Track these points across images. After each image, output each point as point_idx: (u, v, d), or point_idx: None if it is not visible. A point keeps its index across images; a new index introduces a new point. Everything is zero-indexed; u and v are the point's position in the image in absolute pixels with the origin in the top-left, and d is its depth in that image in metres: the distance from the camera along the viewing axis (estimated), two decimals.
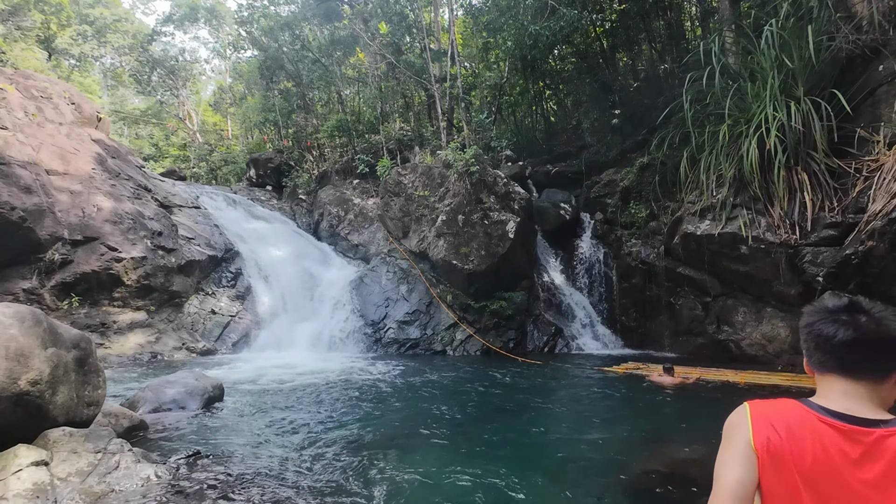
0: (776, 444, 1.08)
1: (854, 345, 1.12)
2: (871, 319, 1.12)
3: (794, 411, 1.13)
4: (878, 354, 1.12)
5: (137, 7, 36.81)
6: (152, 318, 10.65)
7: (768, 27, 8.16)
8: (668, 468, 4.04)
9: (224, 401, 6.36)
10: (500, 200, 11.55)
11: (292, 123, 19.89)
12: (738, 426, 1.15)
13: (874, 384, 1.12)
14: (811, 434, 1.08)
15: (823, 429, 1.08)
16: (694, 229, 9.06)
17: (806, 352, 1.22)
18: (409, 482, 3.82)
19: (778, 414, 1.13)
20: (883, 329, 1.11)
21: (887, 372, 1.12)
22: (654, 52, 15.02)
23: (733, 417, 1.18)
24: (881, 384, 1.12)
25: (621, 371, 7.93)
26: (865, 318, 1.12)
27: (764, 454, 1.08)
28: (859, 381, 1.13)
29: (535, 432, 5.25)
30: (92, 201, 10.67)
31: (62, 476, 3.32)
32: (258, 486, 3.65)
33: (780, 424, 1.10)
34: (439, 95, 14.48)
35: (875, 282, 6.88)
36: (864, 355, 1.12)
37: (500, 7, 14.65)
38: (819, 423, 1.09)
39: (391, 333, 11.13)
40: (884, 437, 1.04)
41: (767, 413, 1.13)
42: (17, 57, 20.36)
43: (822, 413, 1.10)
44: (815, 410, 1.11)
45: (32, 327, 3.63)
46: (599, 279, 12.10)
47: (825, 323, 1.16)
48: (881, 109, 7.38)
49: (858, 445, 1.05)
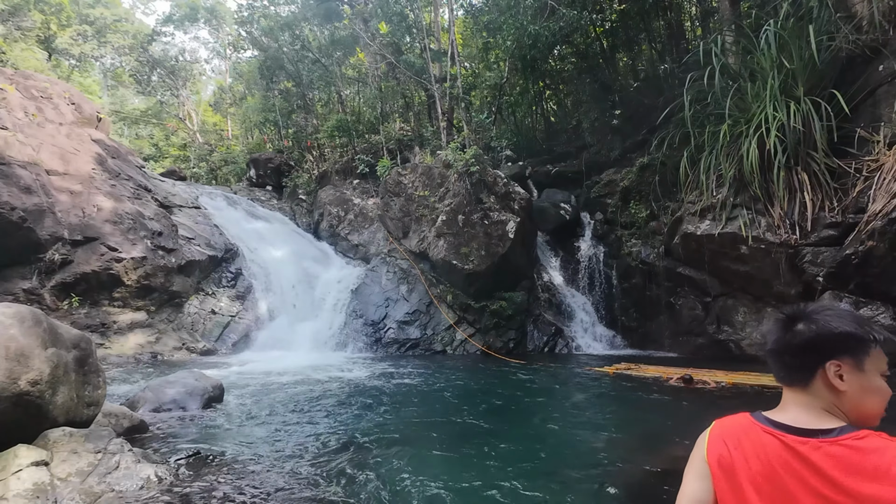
0: (725, 458, 1.13)
1: (774, 354, 1.17)
2: (809, 323, 1.11)
3: (743, 424, 1.17)
4: (789, 363, 1.14)
5: (137, 7, 36.88)
6: (152, 319, 10.65)
7: (768, 27, 8.15)
8: (668, 468, 4.04)
9: (224, 401, 6.36)
10: (500, 200, 11.55)
11: (292, 123, 19.89)
12: (698, 444, 1.22)
13: (803, 389, 1.12)
14: (756, 445, 1.11)
15: (767, 439, 1.10)
16: (694, 229, 9.06)
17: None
18: (408, 482, 3.83)
19: (730, 428, 1.18)
20: (808, 333, 1.10)
21: (809, 375, 1.11)
22: (654, 52, 15.02)
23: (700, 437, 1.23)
24: (808, 387, 1.11)
25: (612, 372, 7.90)
26: (802, 325, 1.12)
27: (716, 468, 1.14)
28: (791, 388, 1.15)
29: (533, 432, 5.26)
30: (92, 201, 10.67)
31: (62, 476, 3.32)
32: (258, 486, 3.65)
33: (731, 438, 1.15)
34: (439, 95, 14.48)
35: (875, 282, 6.89)
36: (780, 364, 1.16)
37: (499, 7, 14.65)
38: (763, 433, 1.12)
39: (391, 333, 11.13)
40: (817, 446, 1.04)
41: (723, 428, 1.19)
42: (17, 57, 20.36)
43: (766, 424, 1.13)
44: (760, 422, 1.14)
45: (32, 327, 3.63)
46: (599, 279, 12.10)
47: (767, 334, 1.22)
48: (881, 109, 7.38)
49: (795, 455, 1.05)
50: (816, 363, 1.10)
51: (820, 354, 1.09)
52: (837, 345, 1.08)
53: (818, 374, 1.10)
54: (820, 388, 1.10)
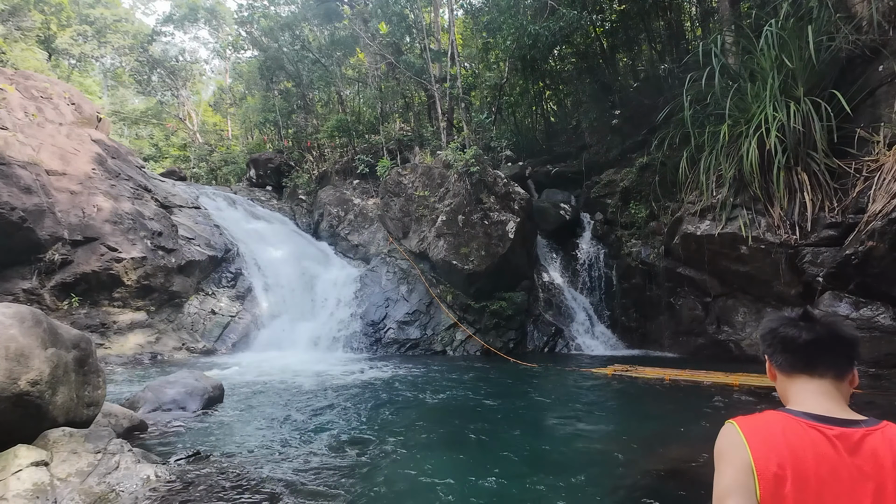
0: (777, 460, 1.08)
1: (816, 344, 1.22)
2: (823, 325, 1.24)
3: (783, 422, 1.14)
4: (836, 353, 1.22)
5: (137, 7, 36.82)
6: (152, 319, 10.65)
7: (768, 27, 8.15)
8: (667, 468, 4.04)
9: (224, 401, 6.36)
10: (500, 201, 11.55)
11: (292, 124, 19.88)
12: (732, 448, 1.13)
13: (836, 381, 1.22)
14: (805, 442, 1.10)
15: (814, 434, 1.11)
16: (694, 229, 9.06)
17: (770, 356, 1.30)
18: (409, 482, 3.83)
19: (770, 428, 1.13)
20: (836, 331, 1.23)
21: (847, 369, 1.23)
22: (654, 53, 15.02)
23: (725, 439, 1.16)
24: (842, 381, 1.22)
25: (610, 373, 7.88)
26: (818, 325, 1.24)
27: (765, 473, 1.07)
28: (824, 378, 1.22)
29: (533, 433, 5.26)
30: (92, 201, 10.67)
31: (62, 476, 3.32)
32: (258, 486, 3.65)
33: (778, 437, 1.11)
34: (439, 96, 14.47)
35: (875, 282, 6.88)
36: (825, 353, 1.22)
37: (499, 7, 14.63)
38: (809, 429, 1.12)
39: (391, 334, 11.13)
40: (865, 435, 1.11)
41: (759, 429, 1.13)
42: (17, 57, 20.35)
43: (808, 419, 1.14)
44: (801, 417, 1.14)
45: (32, 327, 3.63)
46: (599, 279, 12.09)
47: (788, 327, 1.26)
48: (881, 109, 7.38)
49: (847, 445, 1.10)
50: (855, 358, 1.24)
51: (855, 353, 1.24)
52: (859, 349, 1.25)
53: (852, 369, 1.23)
54: (848, 382, 1.23)
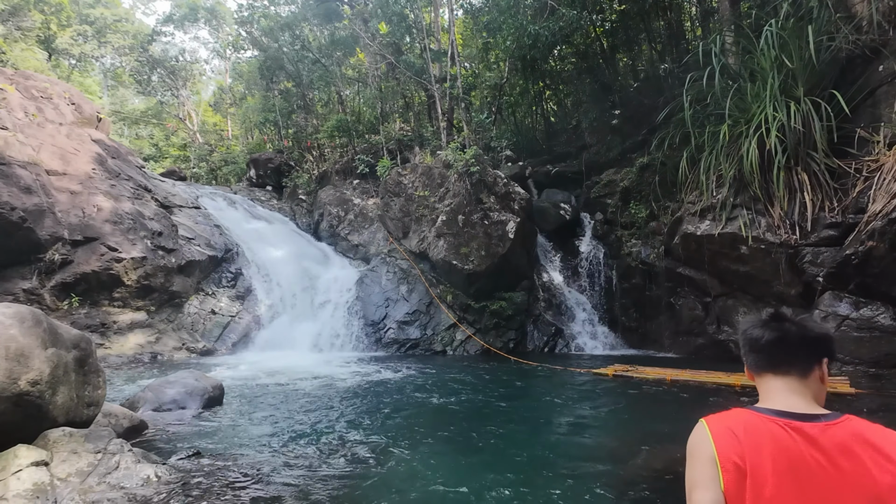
0: (739, 452, 1.14)
1: (777, 343, 1.27)
2: (793, 324, 1.28)
3: (745, 417, 1.20)
4: (798, 351, 1.26)
5: (137, 7, 36.85)
6: (152, 319, 10.65)
7: (768, 27, 8.15)
8: (667, 468, 4.04)
9: (224, 401, 6.36)
10: (500, 201, 11.55)
11: (292, 124, 19.88)
12: (700, 443, 1.21)
13: (801, 378, 1.25)
14: (765, 435, 1.15)
15: (774, 428, 1.16)
16: (694, 229, 9.06)
17: (743, 356, 1.35)
18: (408, 482, 3.83)
19: (733, 422, 1.20)
20: (801, 331, 1.26)
21: (809, 366, 1.26)
22: (654, 53, 15.02)
23: (694, 436, 1.24)
24: (807, 378, 1.25)
25: (611, 374, 7.88)
26: (788, 324, 1.28)
27: (727, 467, 1.14)
28: (788, 376, 1.26)
29: (532, 433, 5.25)
30: (92, 201, 10.67)
31: (62, 476, 3.32)
32: (258, 486, 3.65)
33: (739, 432, 1.17)
34: (439, 96, 14.48)
35: (875, 282, 6.88)
36: (785, 352, 1.26)
37: (499, 7, 14.64)
38: (768, 423, 1.17)
39: (391, 333, 11.13)
40: (825, 428, 1.15)
41: (725, 424, 1.20)
42: (17, 57, 20.36)
43: (769, 414, 1.20)
44: (763, 413, 1.20)
45: (32, 327, 3.63)
46: (599, 279, 12.10)
47: (755, 328, 1.31)
48: (881, 109, 7.38)
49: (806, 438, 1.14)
50: (820, 356, 1.27)
51: (822, 350, 1.27)
52: (830, 346, 1.29)
53: (816, 366, 1.26)
54: (815, 379, 1.26)
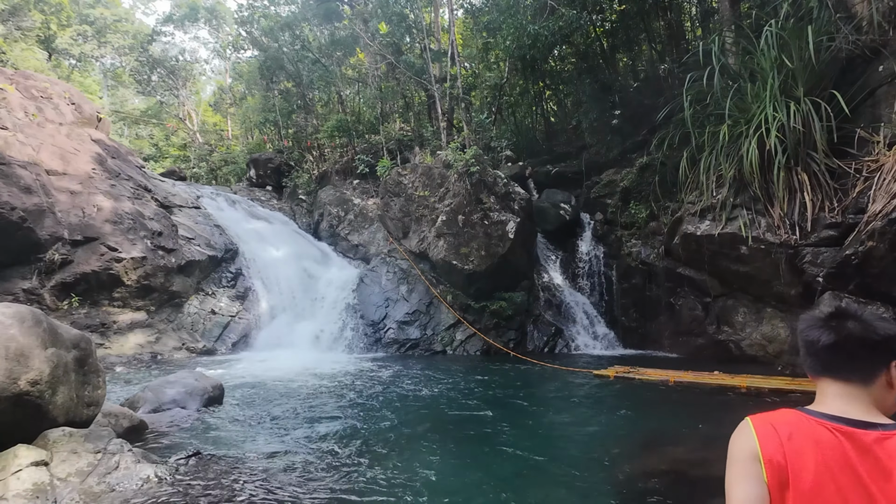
0: (782, 452, 1.10)
1: (835, 348, 1.17)
2: (857, 324, 1.16)
3: (792, 419, 1.16)
4: (859, 357, 1.16)
5: (137, 7, 36.81)
6: (152, 319, 10.65)
7: (768, 27, 8.15)
8: (667, 468, 4.04)
9: (224, 401, 6.36)
10: (500, 201, 11.55)
11: (292, 124, 19.88)
12: (743, 440, 1.16)
13: (862, 385, 1.16)
14: (811, 438, 1.10)
15: (822, 431, 1.11)
16: (694, 230, 9.06)
17: (801, 357, 1.27)
18: (408, 481, 3.82)
19: (779, 422, 1.15)
20: (865, 332, 1.15)
21: (872, 373, 1.16)
22: (654, 53, 15.02)
23: (738, 432, 1.19)
24: (869, 385, 1.16)
25: (612, 375, 7.87)
26: (851, 323, 1.17)
27: (771, 464, 1.09)
28: (848, 382, 1.17)
29: (533, 433, 5.26)
30: (92, 201, 10.67)
31: (62, 476, 3.32)
32: (258, 485, 3.65)
33: (784, 432, 1.12)
34: (439, 96, 14.47)
35: (875, 282, 6.87)
36: (845, 358, 1.16)
37: (499, 7, 14.65)
38: (817, 426, 1.12)
39: (391, 333, 11.13)
40: (881, 438, 1.07)
41: (769, 423, 1.15)
42: (17, 57, 20.36)
43: (818, 417, 1.14)
44: (812, 415, 1.15)
45: (32, 327, 3.63)
46: (599, 279, 12.09)
47: (812, 329, 1.22)
48: (881, 110, 7.37)
49: (856, 445, 1.07)
50: (887, 360, 1.15)
51: (891, 353, 1.15)
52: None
53: (884, 371, 1.15)
54: (881, 384, 1.15)
